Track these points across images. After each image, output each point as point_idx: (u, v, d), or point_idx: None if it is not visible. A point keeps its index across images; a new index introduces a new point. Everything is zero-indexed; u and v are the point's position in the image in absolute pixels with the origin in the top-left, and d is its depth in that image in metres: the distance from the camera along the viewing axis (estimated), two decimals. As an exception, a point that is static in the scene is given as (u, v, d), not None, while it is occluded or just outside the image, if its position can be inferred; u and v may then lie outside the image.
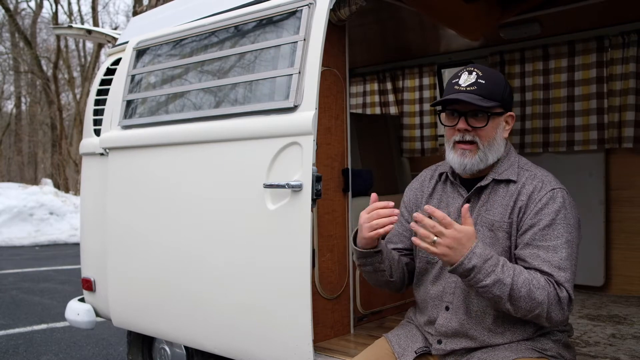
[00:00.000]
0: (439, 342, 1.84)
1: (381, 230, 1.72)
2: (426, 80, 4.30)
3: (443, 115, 1.85)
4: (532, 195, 1.74)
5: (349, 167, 2.64)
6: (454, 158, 1.80)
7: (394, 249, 2.00)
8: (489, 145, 1.77)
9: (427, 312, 1.89)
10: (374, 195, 1.78)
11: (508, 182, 1.79)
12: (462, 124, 1.77)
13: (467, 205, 1.65)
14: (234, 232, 2.46)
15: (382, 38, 3.91)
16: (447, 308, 1.83)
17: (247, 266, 2.42)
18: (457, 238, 1.59)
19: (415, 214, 1.63)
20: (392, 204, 1.73)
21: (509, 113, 1.83)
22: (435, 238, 1.59)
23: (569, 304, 1.66)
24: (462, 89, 1.75)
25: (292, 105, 2.28)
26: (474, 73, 1.76)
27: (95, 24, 21.19)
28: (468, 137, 1.77)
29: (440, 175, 1.95)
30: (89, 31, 3.93)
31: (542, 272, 1.65)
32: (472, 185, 1.84)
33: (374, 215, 1.73)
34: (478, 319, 1.77)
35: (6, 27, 21.87)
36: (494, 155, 1.80)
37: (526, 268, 1.68)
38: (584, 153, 3.55)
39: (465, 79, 1.77)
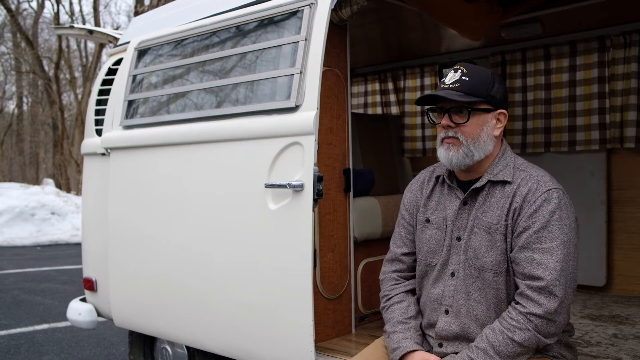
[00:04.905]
0: (440, 345, 1.84)
1: None
2: (427, 80, 4.29)
3: (435, 114, 1.89)
4: (526, 197, 1.73)
5: (350, 167, 2.64)
6: (441, 153, 1.83)
7: (401, 253, 2.00)
8: (473, 141, 1.78)
9: (427, 314, 1.90)
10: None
11: (504, 183, 1.79)
12: (444, 120, 1.81)
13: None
14: (235, 232, 2.46)
15: (384, 38, 3.91)
16: (446, 312, 1.82)
17: (248, 266, 2.42)
18: None
19: None
20: None
21: (500, 111, 1.82)
22: None
23: (559, 311, 1.64)
24: (445, 86, 1.80)
25: (293, 105, 2.28)
26: (459, 71, 1.80)
27: (97, 24, 21.22)
28: (450, 133, 1.80)
29: (438, 177, 1.95)
30: (91, 31, 3.93)
31: (535, 277, 1.65)
32: (468, 187, 1.84)
33: None
34: (479, 322, 1.77)
35: (8, 27, 21.89)
36: (480, 152, 1.80)
37: (520, 273, 1.70)
38: (586, 153, 3.54)
39: (450, 77, 1.81)
